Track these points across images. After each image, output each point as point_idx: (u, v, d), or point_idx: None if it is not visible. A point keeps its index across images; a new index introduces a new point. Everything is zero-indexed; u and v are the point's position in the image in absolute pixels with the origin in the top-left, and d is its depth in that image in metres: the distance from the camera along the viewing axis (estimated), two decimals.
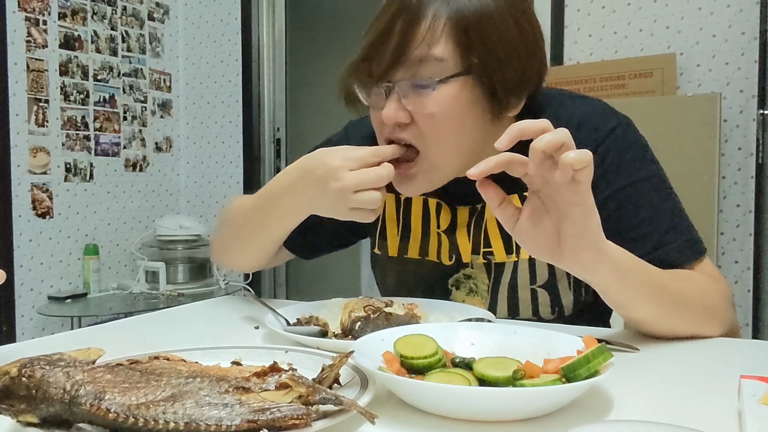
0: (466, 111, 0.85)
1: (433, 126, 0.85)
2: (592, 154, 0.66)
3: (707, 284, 0.86)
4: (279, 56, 3.58)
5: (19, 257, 2.91)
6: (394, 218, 1.06)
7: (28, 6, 2.92)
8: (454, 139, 0.87)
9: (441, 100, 0.84)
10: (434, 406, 0.56)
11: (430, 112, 0.84)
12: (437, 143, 0.87)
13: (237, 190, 3.55)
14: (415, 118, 0.85)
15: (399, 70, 0.85)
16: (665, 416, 0.56)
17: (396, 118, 0.85)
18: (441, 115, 0.84)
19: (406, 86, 0.85)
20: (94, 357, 0.53)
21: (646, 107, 2.12)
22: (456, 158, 0.89)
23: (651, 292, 0.78)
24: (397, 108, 0.85)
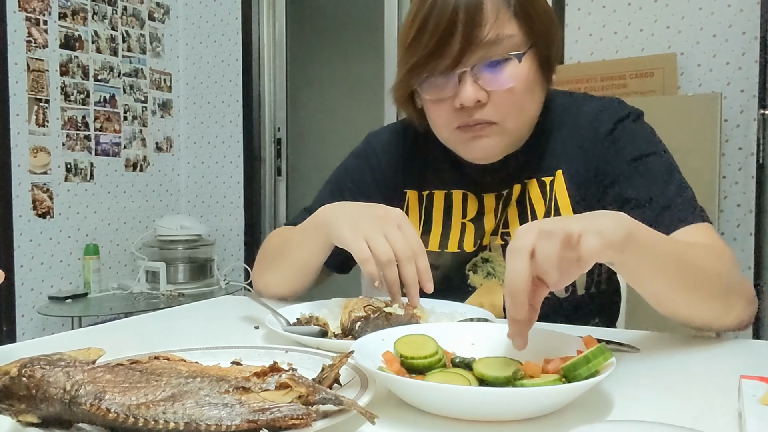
0: (534, 82, 0.94)
1: (511, 99, 0.91)
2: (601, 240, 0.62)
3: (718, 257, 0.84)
4: (279, 56, 3.58)
5: (20, 257, 2.92)
6: (417, 213, 1.09)
7: (28, 6, 2.93)
8: (528, 108, 0.95)
9: (517, 74, 0.91)
10: (434, 406, 0.56)
11: (510, 87, 0.91)
12: (516, 114, 0.93)
13: (237, 190, 3.55)
14: (491, 96, 0.91)
15: (473, 54, 0.89)
16: (665, 416, 0.56)
17: (476, 98, 0.90)
18: (518, 88, 0.91)
19: (481, 68, 0.90)
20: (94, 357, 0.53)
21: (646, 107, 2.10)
22: (526, 125, 0.97)
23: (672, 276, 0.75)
24: (475, 89, 0.90)
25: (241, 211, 3.55)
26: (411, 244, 0.85)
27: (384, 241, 0.84)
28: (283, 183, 3.61)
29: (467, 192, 1.06)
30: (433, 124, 0.99)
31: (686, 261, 0.78)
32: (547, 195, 1.01)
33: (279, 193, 3.62)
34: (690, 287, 0.78)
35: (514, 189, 1.02)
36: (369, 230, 0.85)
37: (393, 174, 1.12)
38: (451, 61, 0.89)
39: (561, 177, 1.00)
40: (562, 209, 0.99)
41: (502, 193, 1.03)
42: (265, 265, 1.11)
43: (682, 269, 0.77)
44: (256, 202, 3.54)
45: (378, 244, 0.84)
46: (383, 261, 0.84)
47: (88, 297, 3.07)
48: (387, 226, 0.85)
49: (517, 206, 1.02)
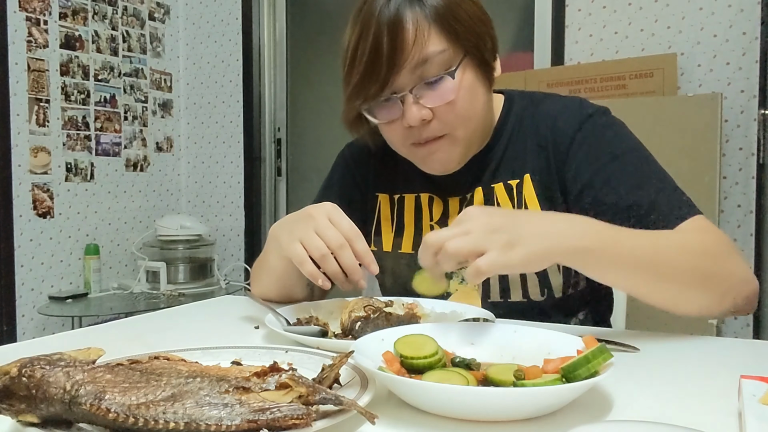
0: (474, 86, 0.95)
1: (455, 111, 0.93)
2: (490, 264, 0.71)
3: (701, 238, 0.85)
4: (280, 56, 3.58)
5: (20, 257, 2.92)
6: (389, 217, 1.12)
7: (28, 6, 2.93)
8: (472, 114, 0.96)
9: (454, 86, 0.92)
10: (434, 406, 0.56)
11: (451, 100, 0.92)
12: (462, 123, 0.95)
13: (238, 190, 3.55)
14: (435, 111, 0.93)
15: (404, 77, 0.91)
16: (665, 416, 0.56)
17: (422, 117, 0.92)
18: (459, 99, 0.93)
19: (421, 87, 0.92)
20: (94, 357, 0.53)
21: (646, 107, 2.11)
22: (475, 130, 0.98)
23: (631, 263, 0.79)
24: (418, 109, 0.92)
25: (241, 211, 3.55)
26: (344, 232, 0.86)
27: (315, 237, 0.85)
28: (284, 183, 3.61)
29: (433, 195, 1.08)
30: (390, 143, 1.02)
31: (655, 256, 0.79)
32: (514, 198, 1.01)
33: (279, 193, 3.61)
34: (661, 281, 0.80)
35: (476, 193, 1.03)
36: (301, 232, 0.87)
37: (367, 179, 1.16)
38: (380, 85, 0.91)
39: (529, 182, 1.00)
40: None
41: (465, 196, 1.05)
42: (255, 276, 1.13)
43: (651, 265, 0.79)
44: (256, 202, 3.54)
45: (309, 242, 0.85)
46: (317, 256, 0.85)
47: (89, 297, 3.07)
48: (316, 222, 0.87)
49: None
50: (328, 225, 0.86)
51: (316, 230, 0.86)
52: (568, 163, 0.97)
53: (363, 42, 0.91)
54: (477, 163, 1.04)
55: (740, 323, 2.35)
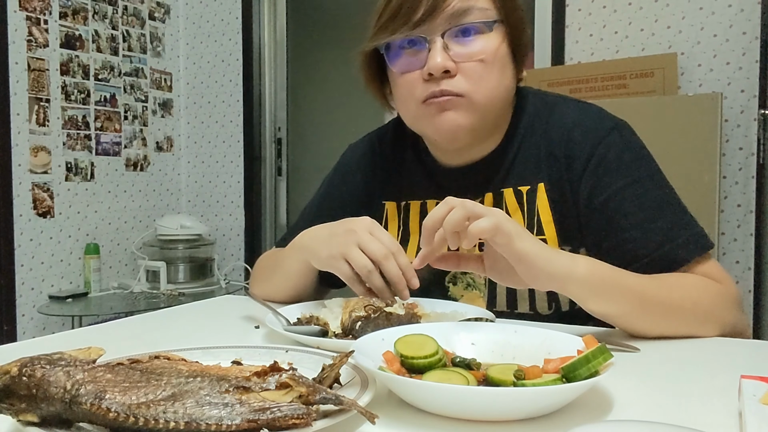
0: (505, 60, 0.93)
1: (480, 71, 0.90)
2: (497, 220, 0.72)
3: (704, 289, 0.85)
4: (280, 55, 3.58)
5: (20, 256, 2.92)
6: (396, 224, 1.09)
7: (29, 5, 2.93)
8: (497, 85, 0.93)
9: (490, 47, 0.90)
10: (434, 405, 0.56)
11: (480, 58, 0.90)
12: (485, 88, 0.91)
13: (238, 189, 3.55)
14: (461, 67, 0.90)
15: (440, 21, 0.89)
16: (665, 416, 0.56)
17: (446, 66, 0.89)
18: (488, 60, 0.90)
19: (451, 36, 0.89)
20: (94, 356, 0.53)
21: (647, 107, 2.11)
22: (494, 104, 0.94)
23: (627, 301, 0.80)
24: (444, 57, 0.89)
25: (241, 211, 3.55)
26: (386, 245, 0.85)
27: (359, 252, 0.85)
28: (284, 183, 3.61)
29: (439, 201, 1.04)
30: (401, 101, 0.97)
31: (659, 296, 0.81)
32: (525, 206, 0.98)
33: (279, 192, 3.61)
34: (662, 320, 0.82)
35: (485, 198, 1.00)
36: (344, 247, 0.86)
37: (371, 187, 1.13)
38: (414, 22, 0.89)
39: (543, 190, 0.97)
40: (544, 225, 0.97)
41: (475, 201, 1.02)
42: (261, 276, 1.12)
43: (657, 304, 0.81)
44: (256, 202, 3.54)
45: (355, 258, 0.85)
46: (365, 273, 0.85)
47: (89, 296, 3.07)
48: (359, 237, 0.86)
49: None
50: (371, 239, 0.85)
51: (360, 245, 0.85)
52: (584, 180, 0.94)
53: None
54: (486, 166, 1.00)
55: None
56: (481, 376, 0.61)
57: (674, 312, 0.82)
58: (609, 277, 0.80)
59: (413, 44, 0.91)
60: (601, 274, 0.79)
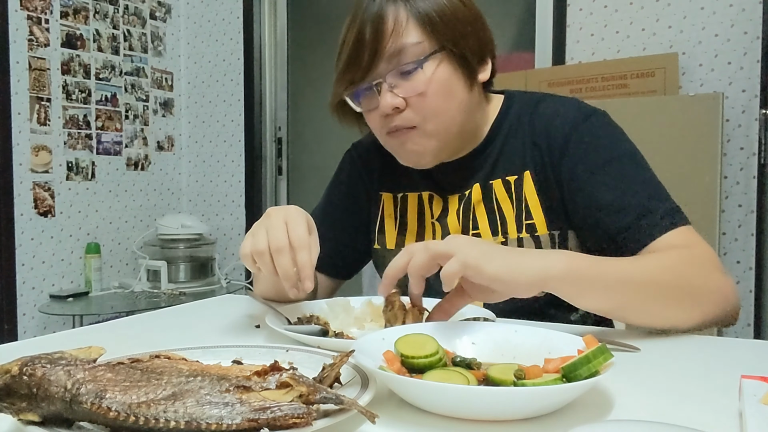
0: (449, 82, 0.97)
1: (425, 102, 0.96)
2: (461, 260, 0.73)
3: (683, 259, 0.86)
4: (281, 55, 3.58)
5: (21, 256, 2.92)
6: (392, 215, 1.14)
7: (30, 5, 2.93)
8: (444, 109, 0.98)
9: (427, 78, 0.95)
10: (435, 405, 0.56)
11: (421, 91, 0.96)
12: (432, 116, 0.97)
13: (239, 189, 3.55)
14: (408, 102, 0.97)
15: (382, 66, 0.96)
16: (666, 416, 0.56)
17: (393, 104, 0.96)
18: (430, 92, 0.96)
19: (394, 76, 0.96)
20: (95, 355, 0.53)
21: (648, 107, 2.11)
22: (449, 126, 0.99)
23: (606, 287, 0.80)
24: (392, 97, 0.96)
25: (242, 210, 3.55)
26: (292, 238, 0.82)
27: (263, 236, 0.83)
28: (284, 182, 3.61)
29: (433, 193, 1.10)
30: (374, 132, 1.05)
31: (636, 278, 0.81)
32: (513, 195, 1.02)
33: (280, 192, 3.62)
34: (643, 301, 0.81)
35: (473, 189, 1.05)
36: (256, 229, 0.86)
37: (372, 179, 1.18)
38: (361, 72, 0.97)
39: (529, 177, 1.01)
40: (532, 210, 1.01)
41: (464, 193, 1.06)
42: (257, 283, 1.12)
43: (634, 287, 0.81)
44: (257, 201, 3.54)
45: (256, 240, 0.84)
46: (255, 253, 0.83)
47: (90, 296, 3.07)
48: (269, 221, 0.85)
49: (485, 206, 1.04)
50: (279, 226, 0.83)
51: (267, 229, 0.84)
52: (564, 162, 0.98)
53: (350, 33, 0.98)
54: (473, 160, 1.06)
55: (741, 323, 2.35)
56: (482, 375, 0.61)
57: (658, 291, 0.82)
58: (588, 269, 0.80)
59: (368, 89, 0.98)
60: (578, 267, 0.79)
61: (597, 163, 0.96)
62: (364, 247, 1.19)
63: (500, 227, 1.02)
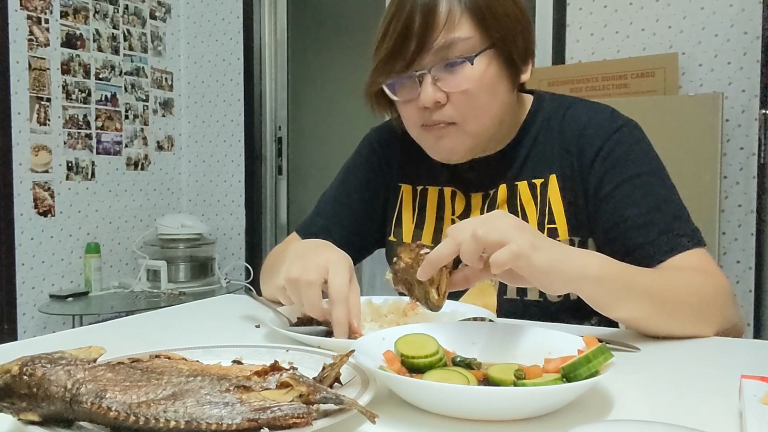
0: (495, 81, 0.95)
1: (469, 100, 0.94)
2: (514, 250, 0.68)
3: (704, 282, 0.86)
4: (281, 55, 3.58)
5: (21, 255, 2.92)
6: (410, 207, 1.12)
7: (30, 4, 2.93)
8: (487, 109, 0.96)
9: (474, 75, 0.93)
10: (435, 405, 0.56)
11: (466, 88, 0.93)
12: (474, 115, 0.95)
13: (239, 188, 3.55)
14: (450, 97, 0.94)
15: (428, 58, 0.93)
16: (666, 416, 0.56)
17: (435, 98, 0.93)
18: (475, 89, 0.93)
19: (440, 70, 0.93)
20: (95, 355, 0.53)
21: (647, 107, 2.11)
22: (488, 127, 0.97)
23: (637, 297, 0.80)
24: (434, 90, 0.93)
25: (242, 210, 3.55)
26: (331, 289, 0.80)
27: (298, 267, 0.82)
28: (284, 182, 3.61)
29: (456, 190, 1.08)
30: (406, 124, 1.03)
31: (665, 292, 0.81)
32: (538, 198, 1.01)
33: (280, 191, 3.62)
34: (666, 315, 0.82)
35: (499, 189, 1.04)
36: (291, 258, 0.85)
37: (389, 169, 1.15)
38: (406, 63, 0.94)
39: (555, 181, 1.01)
40: (555, 214, 1.00)
41: (488, 192, 1.05)
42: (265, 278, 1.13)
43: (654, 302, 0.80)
44: (257, 201, 3.54)
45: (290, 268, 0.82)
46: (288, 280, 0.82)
47: (89, 295, 3.07)
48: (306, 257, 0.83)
49: (508, 207, 1.03)
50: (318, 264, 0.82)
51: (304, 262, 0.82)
52: (593, 172, 0.97)
53: (396, 19, 0.94)
54: (501, 160, 1.04)
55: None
56: (482, 375, 0.61)
57: (681, 308, 0.82)
58: (620, 273, 0.79)
59: (409, 78, 0.96)
60: (611, 272, 0.78)
61: (625, 177, 0.95)
62: (375, 236, 1.17)
63: None
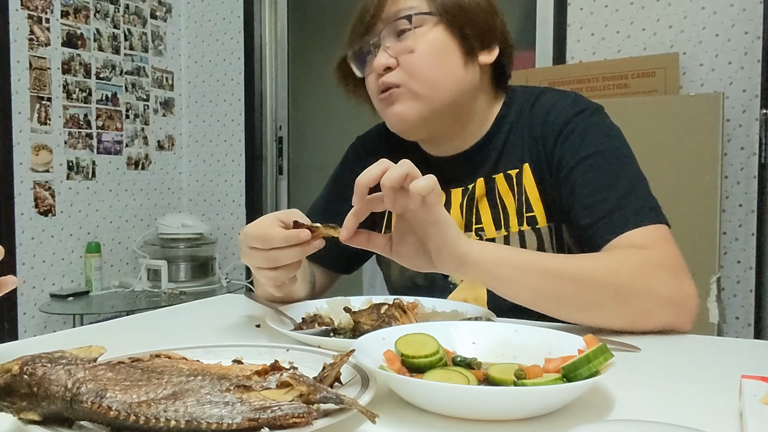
0: (440, 47, 0.99)
1: (412, 61, 0.99)
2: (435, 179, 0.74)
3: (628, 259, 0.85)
4: (281, 54, 3.58)
5: (22, 255, 2.92)
6: None
7: (30, 4, 2.93)
8: (432, 73, 0.99)
9: (419, 39, 0.98)
10: (435, 405, 0.56)
11: (411, 50, 0.98)
12: (417, 76, 0.99)
13: (239, 188, 3.55)
14: (399, 60, 0.99)
15: (381, 26, 1.00)
16: (666, 416, 0.56)
17: (385, 63, 0.99)
18: (419, 51, 0.98)
19: (390, 36, 1.00)
20: (95, 355, 0.53)
21: (648, 107, 2.11)
22: (436, 93, 1.00)
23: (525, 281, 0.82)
24: (385, 57, 1.00)
25: (242, 210, 3.55)
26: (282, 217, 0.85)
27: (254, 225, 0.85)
28: (285, 181, 3.61)
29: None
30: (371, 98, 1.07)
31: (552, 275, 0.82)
32: (515, 188, 1.03)
33: (280, 191, 3.62)
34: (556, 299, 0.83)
35: (477, 183, 1.05)
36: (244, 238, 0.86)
37: None
38: (360, 34, 1.02)
39: (528, 170, 1.03)
40: (532, 202, 1.02)
41: (467, 187, 1.07)
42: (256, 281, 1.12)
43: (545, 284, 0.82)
44: (257, 201, 3.54)
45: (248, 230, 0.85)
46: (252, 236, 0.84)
47: (90, 295, 3.07)
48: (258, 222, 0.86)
49: (487, 200, 1.05)
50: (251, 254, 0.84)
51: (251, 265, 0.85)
52: (555, 155, 1.00)
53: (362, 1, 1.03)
54: (477, 153, 1.07)
55: (741, 323, 2.35)
56: (482, 375, 0.61)
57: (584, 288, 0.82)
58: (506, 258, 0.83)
59: (368, 52, 1.03)
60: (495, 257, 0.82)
61: (580, 157, 0.96)
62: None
63: (503, 221, 1.03)
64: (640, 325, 0.83)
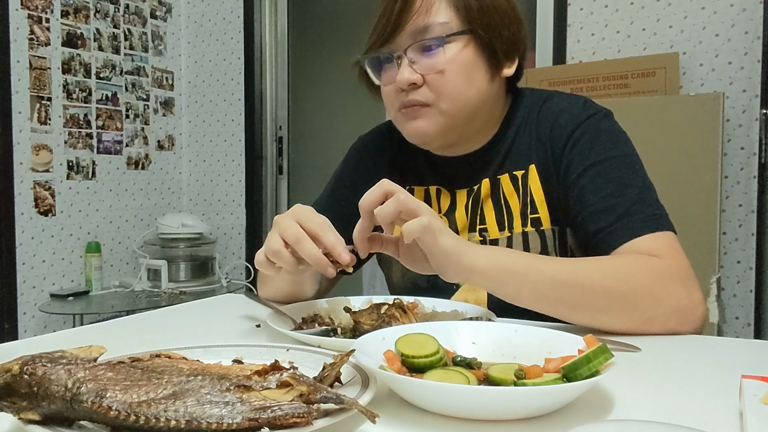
0: (470, 66, 0.97)
1: (443, 81, 0.96)
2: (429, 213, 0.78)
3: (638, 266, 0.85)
4: (281, 54, 3.58)
5: (22, 255, 2.92)
6: None
7: (30, 4, 2.93)
8: (462, 91, 0.98)
9: (448, 58, 0.96)
10: (435, 405, 0.56)
11: (440, 69, 0.96)
12: (447, 96, 0.97)
13: (239, 188, 3.55)
14: (426, 78, 0.97)
15: (405, 38, 0.97)
16: (666, 416, 0.56)
17: (410, 80, 0.96)
18: (449, 71, 0.96)
19: (415, 52, 0.97)
20: (95, 354, 0.53)
21: (648, 107, 2.11)
22: (462, 109, 0.99)
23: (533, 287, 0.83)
24: (410, 72, 0.96)
25: (242, 210, 3.55)
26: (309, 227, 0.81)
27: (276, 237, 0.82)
28: (285, 181, 3.61)
29: (441, 188, 1.10)
30: (386, 107, 1.06)
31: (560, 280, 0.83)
32: (520, 189, 1.03)
33: (280, 191, 3.62)
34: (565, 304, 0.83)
35: (482, 184, 1.05)
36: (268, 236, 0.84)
37: (379, 170, 1.16)
38: (381, 41, 0.98)
39: (534, 171, 1.02)
40: (537, 204, 1.02)
41: (472, 188, 1.06)
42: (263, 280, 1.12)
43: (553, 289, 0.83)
44: (257, 201, 3.54)
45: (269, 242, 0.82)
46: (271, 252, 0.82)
47: (90, 295, 3.07)
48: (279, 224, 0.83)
49: (492, 201, 1.04)
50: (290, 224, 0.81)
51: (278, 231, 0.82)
52: (563, 160, 0.99)
53: (383, 3, 1.00)
54: (483, 155, 1.06)
55: (741, 323, 2.35)
56: (482, 375, 0.61)
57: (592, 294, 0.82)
58: (514, 263, 0.83)
59: (388, 60, 1.00)
60: (502, 262, 0.82)
61: (589, 164, 0.96)
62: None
63: (507, 222, 1.03)
64: (647, 331, 0.84)
